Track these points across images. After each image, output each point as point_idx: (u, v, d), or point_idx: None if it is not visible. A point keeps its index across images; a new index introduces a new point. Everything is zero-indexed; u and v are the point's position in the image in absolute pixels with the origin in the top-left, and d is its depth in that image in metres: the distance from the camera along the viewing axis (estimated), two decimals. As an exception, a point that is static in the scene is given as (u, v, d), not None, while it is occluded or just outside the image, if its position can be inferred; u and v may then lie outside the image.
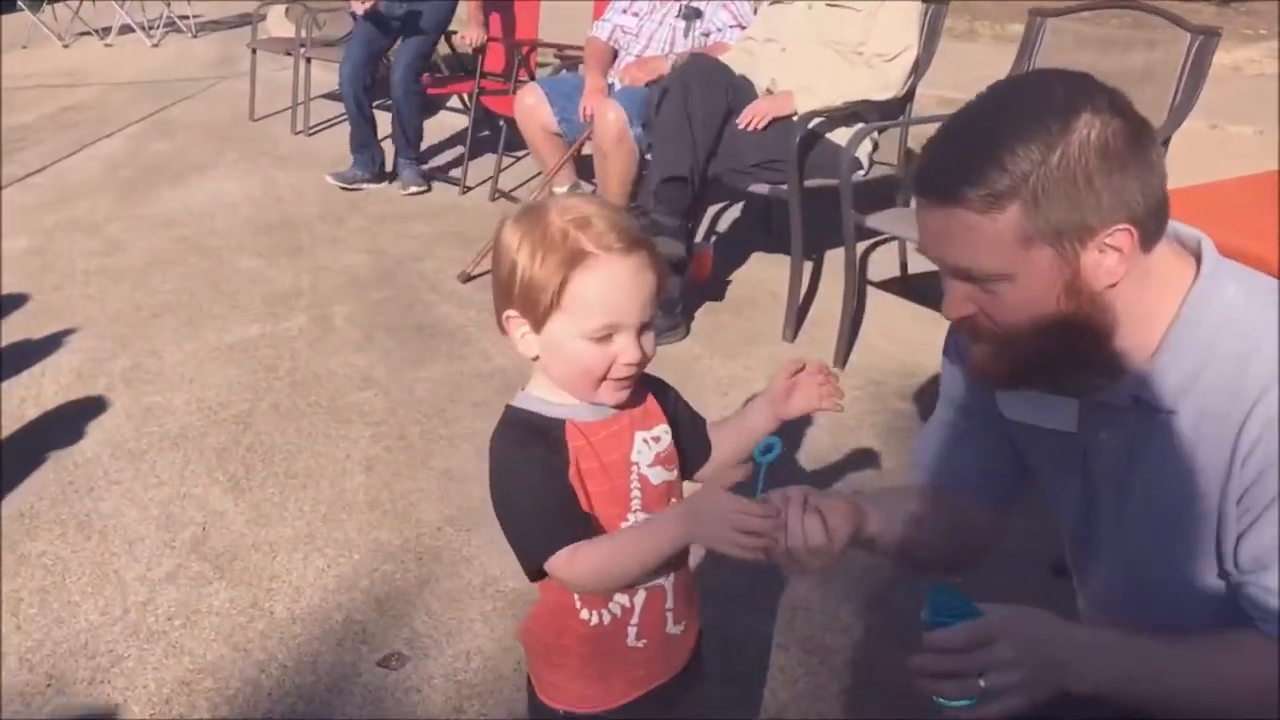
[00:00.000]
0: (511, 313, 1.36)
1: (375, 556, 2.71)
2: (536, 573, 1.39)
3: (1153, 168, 1.19)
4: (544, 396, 1.40)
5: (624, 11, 4.62)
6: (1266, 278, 1.28)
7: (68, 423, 3.37)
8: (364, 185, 5.70)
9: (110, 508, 2.95)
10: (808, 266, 4.05)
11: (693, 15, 4.40)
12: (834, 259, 4.17)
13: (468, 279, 4.38)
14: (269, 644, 2.42)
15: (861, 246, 4.16)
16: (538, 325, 1.34)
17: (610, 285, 1.31)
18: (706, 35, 4.42)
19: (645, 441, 1.42)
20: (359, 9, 5.51)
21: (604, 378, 1.35)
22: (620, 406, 1.40)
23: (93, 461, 3.17)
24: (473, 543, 2.73)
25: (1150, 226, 1.20)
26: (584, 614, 1.43)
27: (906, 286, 4.08)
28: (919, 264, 4.01)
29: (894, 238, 4.09)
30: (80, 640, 2.44)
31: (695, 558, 1.46)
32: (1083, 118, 1.15)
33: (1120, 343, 1.24)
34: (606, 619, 1.43)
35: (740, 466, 1.52)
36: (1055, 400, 1.36)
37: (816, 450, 3.09)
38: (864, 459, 3.04)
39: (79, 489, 3.04)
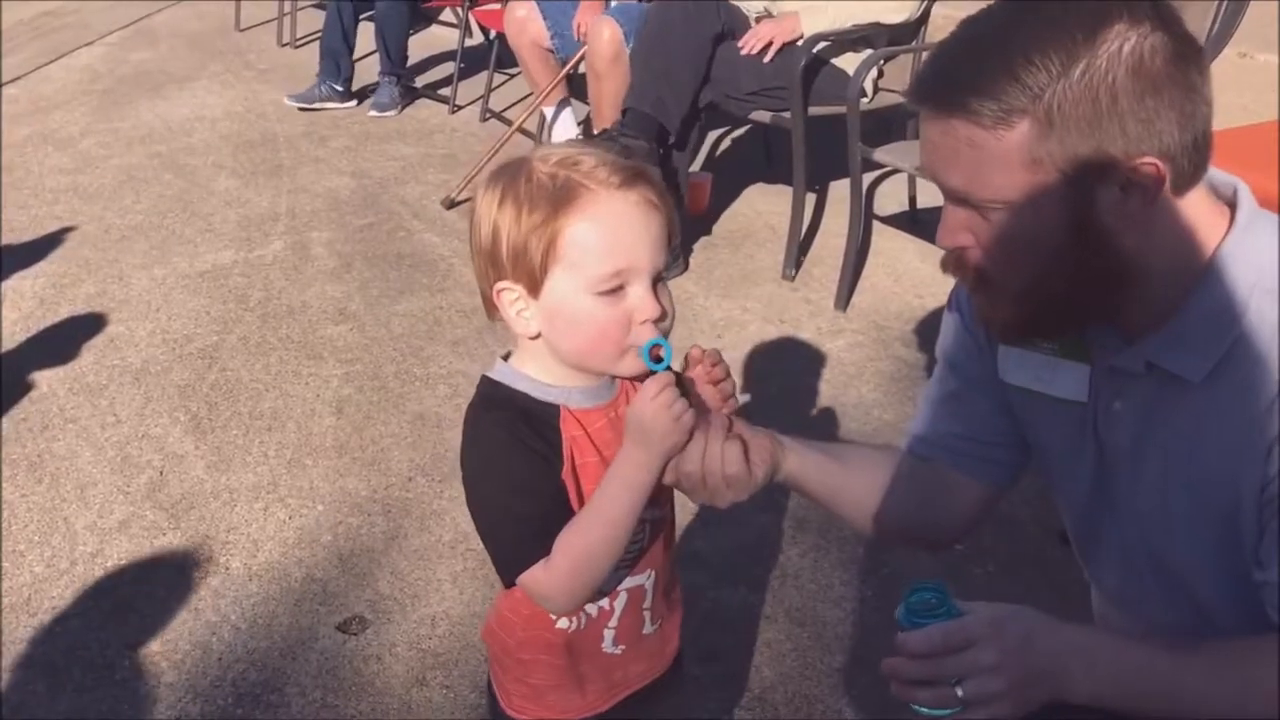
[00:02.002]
0: (502, 284, 1.17)
1: (341, 508, 2.55)
2: (509, 583, 1.21)
3: (1195, 94, 1.02)
4: (534, 375, 1.20)
5: (623, -80, 4.35)
6: None
7: (26, 354, 3.20)
8: (327, 105, 5.35)
9: (64, 448, 2.79)
10: (810, 199, 3.84)
11: (694, -74, 4.13)
12: (838, 191, 3.95)
13: (452, 205, 4.17)
14: (222, 603, 2.27)
15: (868, 179, 3.95)
16: (534, 288, 1.15)
17: (612, 223, 1.12)
18: (709, -52, 4.15)
19: None
20: None
21: (625, 343, 1.15)
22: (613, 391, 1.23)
23: (48, 397, 3.01)
24: (445, 495, 2.57)
25: (1185, 165, 1.03)
26: (560, 622, 1.26)
27: (915, 222, 3.86)
28: (929, 198, 3.79)
29: (903, 170, 3.86)
30: (23, 595, 2.30)
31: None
32: (1115, 28, 0.99)
33: (1137, 299, 1.09)
34: (583, 622, 1.27)
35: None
36: (1064, 365, 1.20)
37: (812, 400, 2.92)
38: (863, 410, 2.86)
39: (33, 427, 2.88)
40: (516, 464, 1.16)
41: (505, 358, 1.25)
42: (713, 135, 4.73)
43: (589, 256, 1.12)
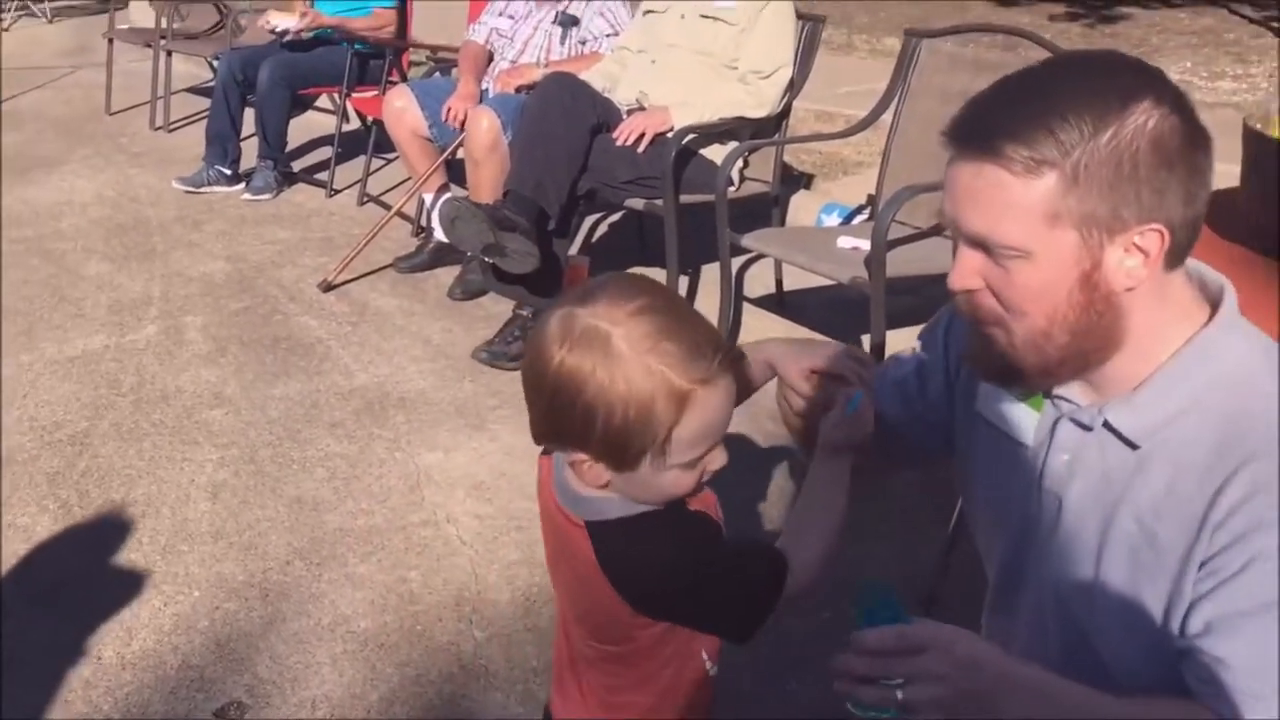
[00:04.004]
0: (583, 457, 1.17)
1: (217, 593, 2.53)
2: (759, 624, 1.25)
3: (1201, 177, 1.11)
4: (637, 495, 1.21)
5: (500, 14, 4.49)
6: (1275, 345, 1.19)
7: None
8: (215, 188, 5.35)
9: (-76, 539, 2.71)
10: (684, 282, 3.98)
11: (569, 22, 4.29)
12: (710, 274, 4.10)
13: (329, 288, 4.19)
14: (93, 694, 2.23)
15: (737, 263, 4.11)
16: (620, 467, 1.17)
17: (711, 419, 1.15)
18: (583, 43, 4.31)
19: None
20: (292, 27, 5.23)
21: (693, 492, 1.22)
22: None
23: (-93, 487, 2.92)
24: (323, 578, 2.57)
25: (1181, 239, 1.12)
26: (708, 664, 1.31)
27: (782, 305, 4.03)
28: (794, 281, 3.97)
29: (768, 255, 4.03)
30: (-120, 692, 2.22)
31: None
32: (1144, 105, 1.08)
33: (1116, 360, 1.17)
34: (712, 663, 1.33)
35: None
36: (1021, 409, 1.28)
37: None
38: (739, 481, 2.96)
39: (-110, 518, 2.79)
40: (707, 537, 1.23)
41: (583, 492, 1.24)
42: (590, 221, 4.86)
43: (684, 449, 1.15)
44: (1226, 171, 1.97)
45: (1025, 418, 1.29)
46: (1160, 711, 1.14)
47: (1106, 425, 1.20)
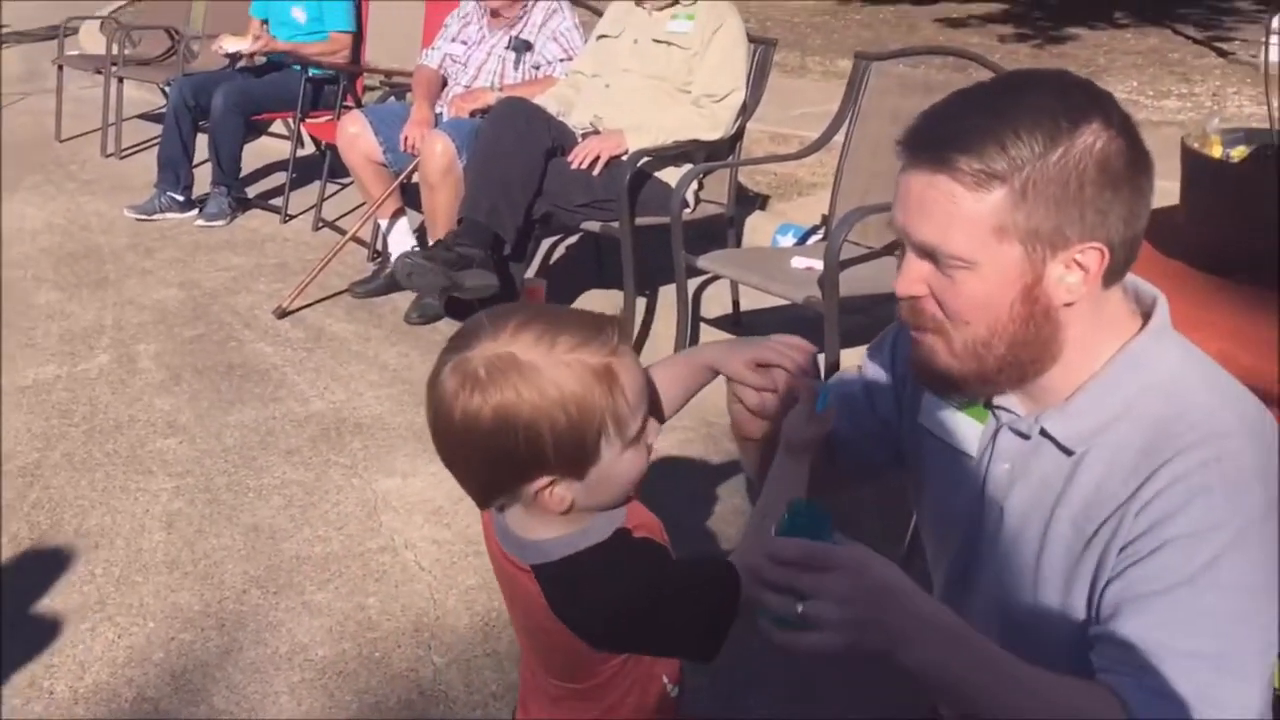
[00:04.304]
0: (542, 481, 1.15)
1: (173, 624, 2.51)
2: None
3: (1143, 199, 1.15)
4: (579, 528, 1.21)
5: (453, 40, 4.51)
6: (1208, 358, 1.24)
7: None
8: (168, 215, 5.31)
9: None
10: (641, 304, 4.00)
11: (522, 48, 4.31)
12: (667, 296, 4.12)
13: (284, 314, 4.17)
14: (46, 729, 2.20)
15: (694, 284, 4.13)
16: (581, 472, 1.15)
17: (636, 383, 1.16)
18: (536, 68, 4.33)
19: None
20: (245, 50, 5.21)
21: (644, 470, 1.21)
22: None
23: None
24: (280, 606, 2.55)
25: (1120, 257, 1.16)
26: (669, 686, 1.31)
27: (738, 324, 4.06)
28: (751, 301, 4.00)
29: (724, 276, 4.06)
30: None
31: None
32: (1093, 126, 1.11)
33: (1053, 371, 1.20)
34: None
35: None
36: (963, 418, 1.31)
37: (649, 494, 3.01)
38: (699, 502, 2.98)
39: None
40: (663, 563, 1.22)
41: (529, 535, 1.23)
42: (547, 243, 4.88)
43: (628, 419, 1.16)
44: (1169, 189, 2.02)
45: (968, 428, 1.32)
46: (1069, 690, 1.12)
47: (1044, 433, 1.23)
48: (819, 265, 3.11)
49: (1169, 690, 1.09)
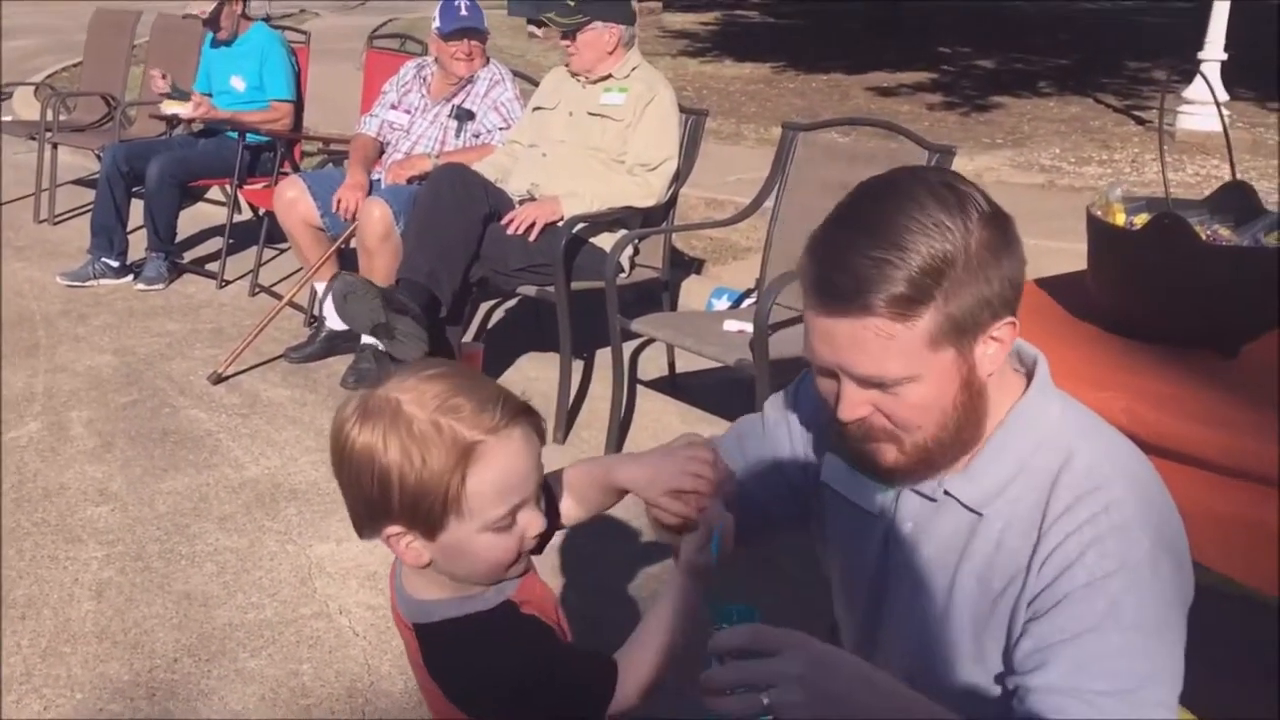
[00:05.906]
0: (394, 529, 1.18)
1: (101, 695, 2.47)
2: None
3: (1021, 258, 1.22)
4: (466, 594, 1.23)
5: (394, 107, 4.57)
6: (1088, 409, 1.31)
7: None
8: (102, 281, 5.28)
9: None
10: (578, 367, 4.04)
11: (465, 116, 4.38)
12: (604, 359, 4.16)
13: (219, 380, 4.15)
14: (-33, 806, 2.15)
15: (630, 347, 4.18)
16: (431, 534, 1.18)
17: (506, 468, 1.16)
18: (476, 136, 4.40)
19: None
20: (184, 115, 5.23)
21: (517, 557, 1.22)
22: None
23: None
24: (212, 674, 2.53)
25: (1017, 317, 1.23)
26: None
27: (675, 386, 4.12)
28: (687, 363, 4.06)
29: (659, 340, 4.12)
30: None
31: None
32: (974, 218, 1.17)
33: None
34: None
35: None
36: (867, 481, 1.35)
37: (592, 554, 3.03)
38: (639, 560, 3.00)
39: None
40: (542, 650, 1.22)
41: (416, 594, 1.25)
42: (487, 306, 4.92)
43: (487, 503, 1.16)
44: (1085, 252, 2.11)
45: (871, 488, 1.37)
46: None
47: (948, 494, 1.29)
48: (750, 328, 3.18)
49: None
